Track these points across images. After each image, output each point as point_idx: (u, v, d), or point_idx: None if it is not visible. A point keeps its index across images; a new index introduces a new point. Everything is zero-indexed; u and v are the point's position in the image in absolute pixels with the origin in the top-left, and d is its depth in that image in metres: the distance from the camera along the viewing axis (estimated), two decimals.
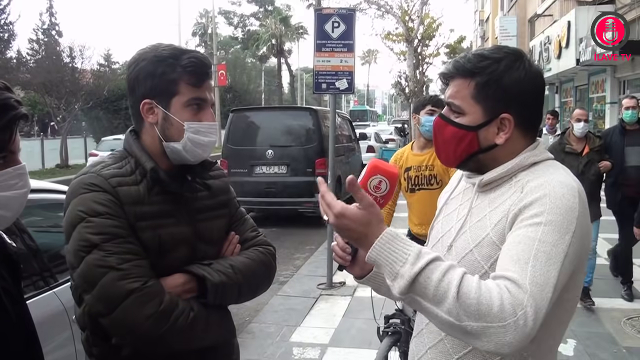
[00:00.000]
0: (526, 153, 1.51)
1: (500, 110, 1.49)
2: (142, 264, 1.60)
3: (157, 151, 1.75)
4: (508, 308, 1.22)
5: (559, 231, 1.33)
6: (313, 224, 10.57)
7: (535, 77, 1.52)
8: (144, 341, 1.60)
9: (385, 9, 25.84)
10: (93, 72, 24.25)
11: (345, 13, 6.88)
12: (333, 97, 7.22)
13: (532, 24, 27.67)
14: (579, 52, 16.75)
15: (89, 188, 1.63)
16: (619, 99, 17.03)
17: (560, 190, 1.38)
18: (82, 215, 1.60)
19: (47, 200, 3.50)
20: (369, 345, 5.02)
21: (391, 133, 29.13)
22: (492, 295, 1.23)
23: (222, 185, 1.94)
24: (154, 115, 1.72)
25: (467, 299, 1.22)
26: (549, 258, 1.30)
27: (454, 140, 1.54)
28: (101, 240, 1.57)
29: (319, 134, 10.90)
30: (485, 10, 41.23)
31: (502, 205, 1.45)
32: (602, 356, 4.75)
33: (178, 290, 1.66)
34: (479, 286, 1.25)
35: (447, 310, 1.23)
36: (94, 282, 1.55)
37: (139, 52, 1.76)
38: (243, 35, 65.75)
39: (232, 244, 1.88)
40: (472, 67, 1.51)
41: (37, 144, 23.14)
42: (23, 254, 2.90)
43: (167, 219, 1.71)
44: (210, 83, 1.78)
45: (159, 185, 1.71)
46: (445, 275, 1.25)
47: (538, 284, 1.26)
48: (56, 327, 2.92)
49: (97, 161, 1.77)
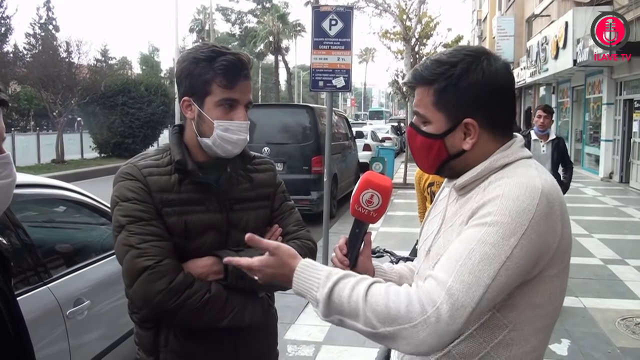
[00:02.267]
0: (496, 155, 1.47)
1: (462, 116, 1.46)
2: (161, 245, 1.76)
3: (195, 144, 1.92)
4: (416, 307, 1.25)
5: (503, 233, 1.30)
6: (309, 221, 10.44)
7: (495, 76, 1.45)
8: (157, 314, 1.78)
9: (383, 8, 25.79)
10: (90, 67, 24.13)
11: (343, 11, 6.88)
12: (330, 95, 7.21)
13: (530, 24, 27.71)
14: (576, 52, 16.76)
15: (125, 177, 1.84)
16: (616, 100, 17.09)
17: (515, 192, 1.34)
18: (116, 200, 1.82)
19: (42, 195, 3.49)
20: (363, 343, 5.02)
21: (388, 132, 29.15)
22: (399, 298, 1.27)
23: (266, 178, 2.08)
24: (192, 112, 1.89)
25: (377, 306, 1.27)
26: (484, 258, 1.29)
27: (424, 148, 1.53)
28: (127, 222, 1.77)
29: (316, 132, 10.88)
30: (483, 9, 41.26)
31: (468, 207, 1.44)
32: (596, 356, 4.76)
33: (205, 271, 1.82)
34: (386, 291, 1.29)
35: (363, 321, 1.29)
36: (120, 258, 1.77)
37: (185, 51, 1.94)
38: (240, 32, 65.68)
39: (273, 236, 2.00)
40: (428, 75, 1.48)
41: (33, 138, 23.05)
42: (17, 249, 2.90)
43: (195, 206, 1.86)
44: (245, 84, 1.89)
45: (189, 177, 1.86)
46: (354, 289, 1.31)
47: (464, 281, 1.27)
48: (50, 322, 2.92)
49: (141, 153, 1.98)
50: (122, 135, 24.13)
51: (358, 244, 1.62)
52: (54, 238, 3.69)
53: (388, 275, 1.75)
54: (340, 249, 1.63)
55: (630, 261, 7.74)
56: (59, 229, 3.96)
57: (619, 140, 16.96)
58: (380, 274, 1.73)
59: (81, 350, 3.11)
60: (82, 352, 3.12)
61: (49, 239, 3.60)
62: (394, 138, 28.47)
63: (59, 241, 3.60)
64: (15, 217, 2.96)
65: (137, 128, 24.46)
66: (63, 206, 3.83)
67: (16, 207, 3.05)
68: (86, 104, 22.84)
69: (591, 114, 20.10)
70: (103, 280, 3.43)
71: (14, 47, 27.12)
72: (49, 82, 21.04)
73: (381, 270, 1.74)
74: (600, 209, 11.70)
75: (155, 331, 1.88)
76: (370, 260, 1.70)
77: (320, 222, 7.10)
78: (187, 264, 1.81)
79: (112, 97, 24.07)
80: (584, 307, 5.93)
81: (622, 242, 8.97)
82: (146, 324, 1.89)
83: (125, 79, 26.12)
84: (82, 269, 3.35)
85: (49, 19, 41.67)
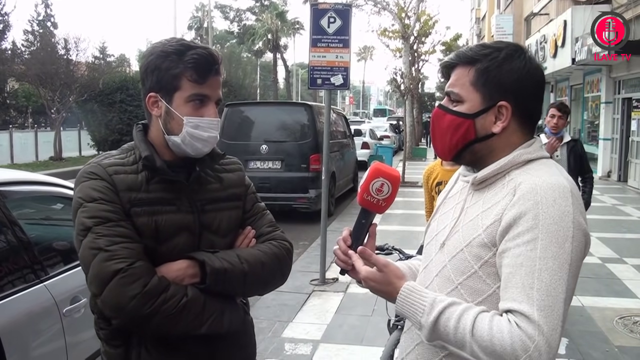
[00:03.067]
0: (520, 150, 1.51)
1: (498, 98, 1.50)
2: (131, 246, 1.64)
3: (162, 143, 1.81)
4: (519, 345, 1.27)
5: (557, 242, 1.33)
6: (307, 219, 10.56)
7: (535, 70, 1.53)
8: (130, 322, 1.64)
9: (382, 6, 25.81)
10: (88, 64, 24.13)
11: (342, 8, 6.85)
12: (328, 92, 7.19)
13: (528, 23, 27.71)
14: (575, 51, 16.77)
15: (88, 177, 1.72)
16: (614, 98, 17.10)
17: (551, 196, 1.37)
18: (80, 201, 1.69)
19: (39, 192, 3.48)
20: (361, 341, 5.03)
21: (386, 130, 29.16)
22: (503, 335, 1.29)
23: (236, 178, 1.98)
24: (158, 108, 1.79)
25: (482, 342, 1.30)
26: (553, 274, 1.31)
27: (450, 128, 1.54)
28: (93, 223, 1.64)
29: (314, 130, 10.87)
30: (482, 8, 41.29)
31: (495, 207, 1.44)
32: (594, 355, 4.76)
33: (180, 274, 1.70)
34: (490, 327, 1.31)
35: (470, 352, 1.33)
36: (87, 263, 1.63)
37: (151, 45, 1.84)
38: (239, 30, 65.60)
39: (247, 238, 1.91)
40: (473, 54, 1.54)
41: (31, 135, 23.03)
42: (13, 246, 2.88)
43: (165, 206, 1.75)
44: (216, 80, 1.80)
45: (158, 175, 1.76)
46: (459, 321, 1.34)
47: (546, 307, 1.29)
48: (46, 320, 2.91)
49: (104, 153, 1.86)
50: (120, 132, 24.08)
51: (363, 235, 1.60)
52: (51, 236, 3.68)
53: None
54: (344, 240, 1.60)
55: (629, 260, 7.75)
56: (56, 227, 3.94)
57: (617, 139, 16.98)
58: None
59: (77, 348, 3.10)
60: (78, 350, 3.10)
61: (46, 236, 3.59)
62: (392, 136, 28.48)
63: (56, 239, 3.58)
64: (12, 215, 2.95)
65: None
66: (60, 203, 3.82)
67: (13, 205, 3.04)
68: (84, 101, 22.82)
69: (590, 113, 20.12)
70: None
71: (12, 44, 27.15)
72: (47, 79, 21.02)
73: None
74: (599, 208, 11.68)
75: (125, 349, 1.75)
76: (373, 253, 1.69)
77: (318, 220, 7.09)
78: (160, 268, 1.69)
79: (110, 94, 24.03)
80: (582, 306, 5.92)
81: (620, 241, 8.98)
82: (115, 342, 1.76)
83: (124, 77, 26.09)
84: (79, 267, 3.33)
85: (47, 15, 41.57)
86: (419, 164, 21.33)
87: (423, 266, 1.67)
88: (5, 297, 2.68)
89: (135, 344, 1.74)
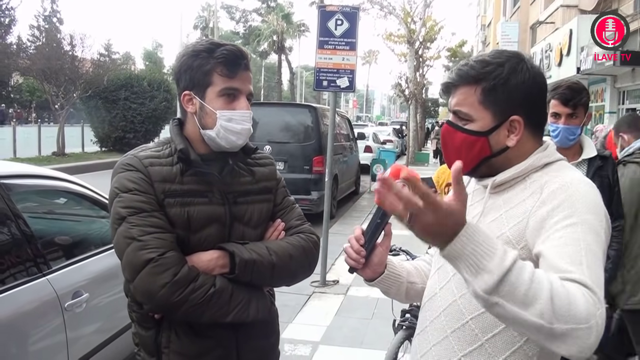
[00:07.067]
0: (538, 154, 1.53)
1: (509, 113, 1.51)
2: (163, 236, 1.72)
3: (197, 138, 1.90)
4: (592, 309, 1.18)
5: (595, 230, 1.34)
6: (309, 220, 10.49)
7: (538, 78, 1.54)
8: (160, 308, 1.75)
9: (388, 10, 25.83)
10: (93, 61, 24.08)
11: (349, 11, 6.87)
12: (333, 95, 7.20)
13: (534, 31, 27.70)
14: (580, 60, 16.76)
15: (125, 168, 1.81)
16: (619, 109, 17.08)
17: (583, 189, 1.40)
18: (116, 191, 1.77)
19: (43, 186, 3.49)
20: (361, 344, 5.02)
21: (389, 134, 29.19)
22: (577, 297, 1.18)
23: (267, 172, 2.06)
24: (193, 105, 1.87)
25: (559, 301, 1.16)
26: (595, 258, 1.30)
27: (464, 146, 1.54)
28: (128, 213, 1.73)
29: (318, 132, 10.86)
30: (488, 15, 41.31)
31: (521, 205, 1.46)
32: None
33: (210, 265, 1.78)
34: (564, 287, 1.19)
35: (538, 312, 1.16)
36: (121, 251, 1.72)
37: (184, 47, 1.94)
38: (244, 31, 65.73)
39: (277, 230, 1.99)
40: (476, 74, 1.51)
41: (34, 130, 23.03)
42: (17, 239, 2.88)
43: (197, 197, 1.83)
44: (245, 74, 1.89)
45: (192, 167, 1.83)
46: (534, 274, 1.19)
47: (598, 285, 1.26)
48: (48, 314, 2.90)
49: (141, 146, 1.95)
50: (124, 130, 24.09)
51: (377, 235, 1.59)
52: (54, 230, 3.68)
53: (397, 269, 1.74)
54: (357, 239, 1.59)
55: None
56: (59, 221, 3.94)
57: None
58: (391, 268, 1.72)
59: (79, 342, 3.09)
60: (79, 344, 3.10)
61: (49, 230, 3.59)
62: (395, 140, 28.50)
63: (59, 233, 3.58)
64: (16, 208, 2.95)
65: (139, 123, 24.41)
66: (64, 198, 3.82)
67: (17, 198, 3.04)
68: (88, 97, 22.81)
69: (593, 122, 20.10)
70: (102, 273, 3.42)
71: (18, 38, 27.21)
72: (52, 75, 21.00)
73: (391, 264, 1.73)
74: None
75: (156, 331, 1.84)
76: (387, 253, 1.69)
77: (320, 222, 7.09)
78: (191, 258, 1.77)
79: (114, 91, 24.03)
80: None
81: None
82: (147, 324, 1.85)
83: (128, 74, 26.06)
84: (82, 262, 3.33)
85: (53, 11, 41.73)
86: (421, 169, 21.34)
87: (437, 266, 1.65)
88: (7, 290, 2.68)
89: (165, 327, 1.83)
